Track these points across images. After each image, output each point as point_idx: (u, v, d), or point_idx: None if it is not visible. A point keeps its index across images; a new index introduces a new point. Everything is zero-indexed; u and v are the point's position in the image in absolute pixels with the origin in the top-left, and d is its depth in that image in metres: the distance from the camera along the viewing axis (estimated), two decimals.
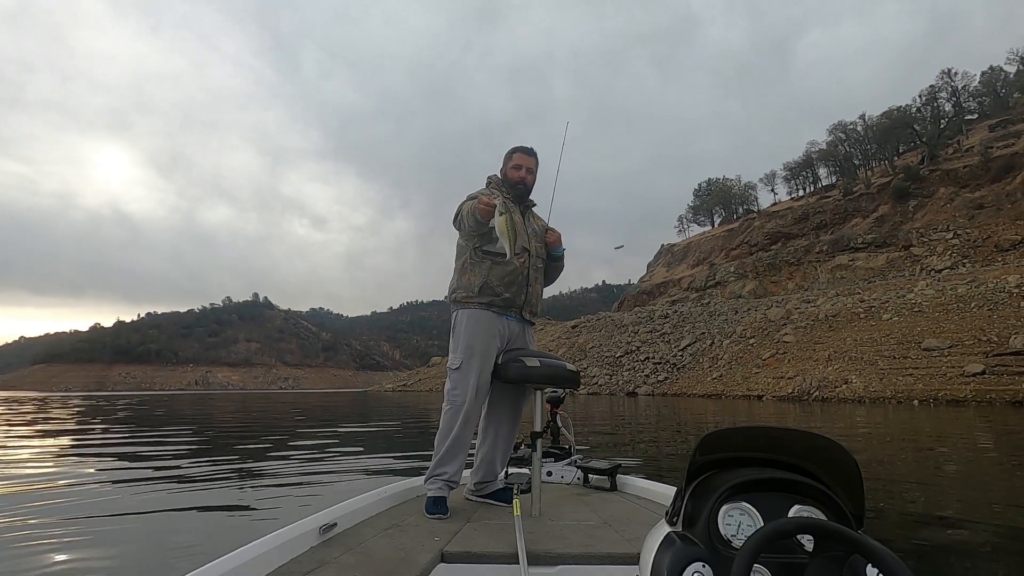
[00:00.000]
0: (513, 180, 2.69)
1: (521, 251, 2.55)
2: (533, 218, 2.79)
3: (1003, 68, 71.96)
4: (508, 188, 2.68)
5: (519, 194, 2.69)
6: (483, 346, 2.49)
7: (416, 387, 67.66)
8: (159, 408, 24.86)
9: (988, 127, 62.40)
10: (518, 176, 2.68)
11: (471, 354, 2.48)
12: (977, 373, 21.10)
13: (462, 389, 2.48)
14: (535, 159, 2.74)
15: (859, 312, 33.08)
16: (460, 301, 2.55)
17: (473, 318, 2.51)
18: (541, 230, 2.77)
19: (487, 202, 2.32)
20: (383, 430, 12.71)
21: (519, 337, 2.63)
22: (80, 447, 9.28)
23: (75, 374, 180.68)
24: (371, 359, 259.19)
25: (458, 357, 2.50)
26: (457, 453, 2.48)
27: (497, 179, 2.74)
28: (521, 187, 2.68)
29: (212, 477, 5.80)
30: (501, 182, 2.72)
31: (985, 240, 43.46)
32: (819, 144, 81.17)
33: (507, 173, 2.70)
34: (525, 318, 2.65)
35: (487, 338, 2.50)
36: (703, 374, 36.38)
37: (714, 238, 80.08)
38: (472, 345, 2.48)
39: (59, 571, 2.92)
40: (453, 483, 2.48)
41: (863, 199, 60.94)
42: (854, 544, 0.80)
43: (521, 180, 2.68)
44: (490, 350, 2.51)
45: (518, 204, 2.66)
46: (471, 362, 2.48)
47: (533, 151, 2.75)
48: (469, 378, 2.47)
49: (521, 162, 2.69)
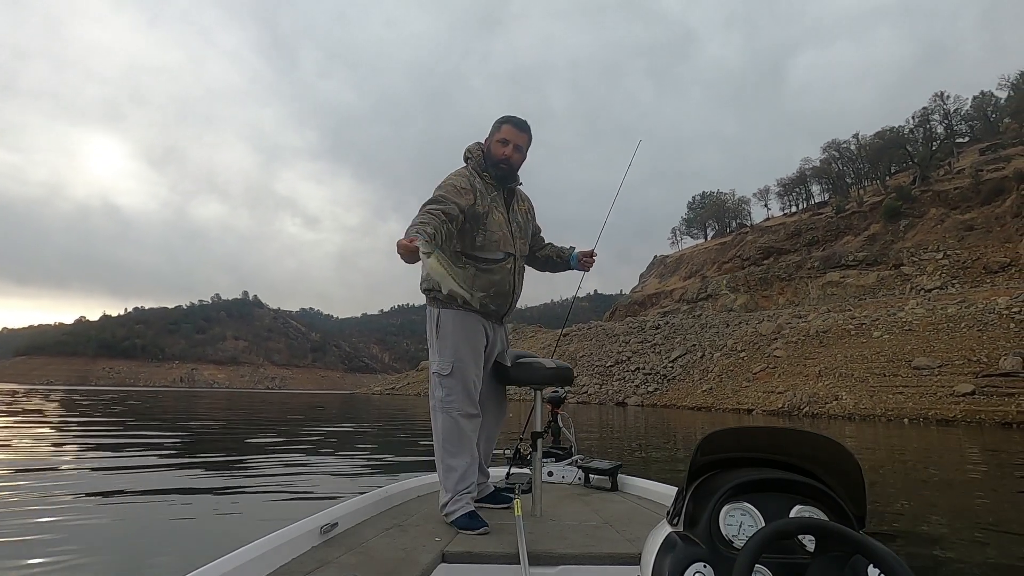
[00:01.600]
0: (496, 157, 2.33)
1: (507, 256, 2.34)
2: (518, 204, 2.48)
3: (994, 93, 73.22)
4: (489, 167, 2.35)
5: (501, 175, 2.36)
6: (472, 348, 2.32)
7: (404, 391, 67.21)
8: (132, 407, 24.42)
9: (979, 151, 63.32)
10: (502, 153, 2.32)
11: (462, 357, 2.29)
12: (967, 393, 21.13)
13: (458, 395, 2.29)
14: (528, 135, 2.39)
15: (850, 329, 33.17)
16: (442, 300, 2.28)
17: (458, 320, 2.31)
18: (526, 220, 2.51)
19: (406, 245, 1.83)
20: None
21: (500, 338, 2.50)
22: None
23: (58, 367, 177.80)
24: (360, 361, 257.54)
25: (447, 362, 2.29)
26: (472, 462, 2.33)
27: (478, 153, 2.39)
28: (504, 166, 2.34)
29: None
30: (482, 157, 2.37)
31: (974, 261, 43.88)
32: (813, 161, 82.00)
33: (491, 147, 2.35)
34: (503, 321, 2.51)
35: (474, 339, 2.33)
36: (693, 386, 36.31)
37: (707, 251, 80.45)
38: (461, 348, 2.30)
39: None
40: (474, 492, 2.36)
41: (855, 217, 61.54)
42: (856, 544, 0.80)
43: (505, 158, 2.33)
44: (478, 352, 2.35)
45: (500, 187, 2.38)
46: (462, 365, 2.29)
47: (527, 125, 2.38)
48: (464, 383, 2.30)
49: (509, 136, 2.34)
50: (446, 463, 2.28)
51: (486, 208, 2.29)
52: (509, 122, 2.36)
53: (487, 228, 2.29)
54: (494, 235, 2.30)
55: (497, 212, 2.34)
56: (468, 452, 2.30)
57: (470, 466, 2.30)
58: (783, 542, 0.90)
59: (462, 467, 2.26)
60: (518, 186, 2.50)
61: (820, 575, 0.85)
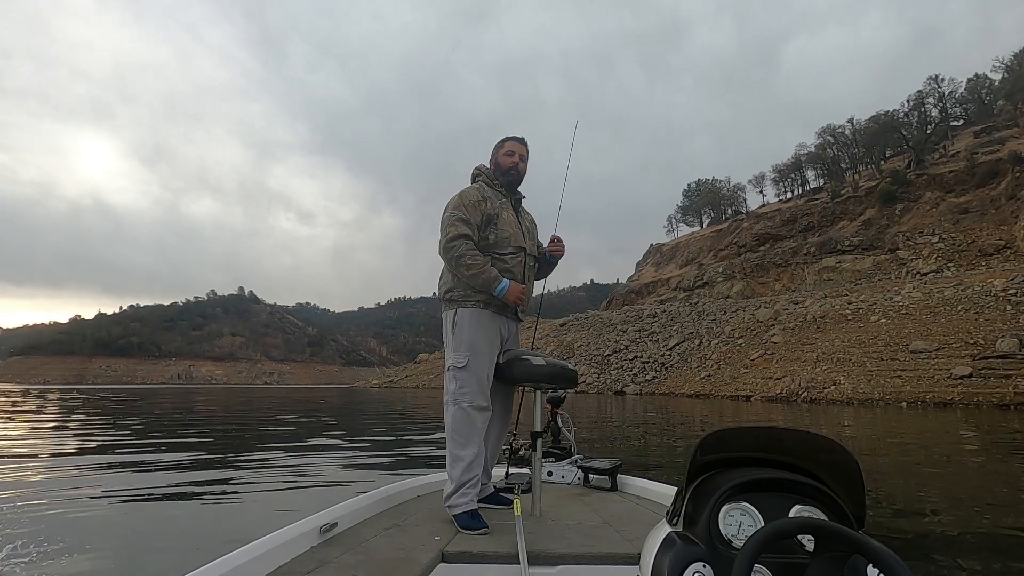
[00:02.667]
0: (505, 166, 2.64)
1: (517, 250, 2.56)
2: (523, 213, 2.75)
3: (988, 76, 73.04)
4: (500, 176, 2.64)
5: (511, 181, 2.65)
6: (487, 344, 2.44)
7: (403, 384, 67.22)
8: (121, 405, 24.27)
9: (973, 133, 63.25)
10: (510, 162, 2.64)
11: (476, 351, 2.41)
12: (964, 376, 21.16)
13: (471, 388, 2.38)
14: (527, 148, 2.71)
15: (847, 314, 33.20)
16: (457, 300, 2.47)
17: (474, 316, 2.45)
18: (532, 226, 2.77)
19: (520, 298, 2.48)
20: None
21: (515, 336, 2.63)
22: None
23: (54, 366, 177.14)
24: (357, 355, 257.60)
25: (463, 355, 2.40)
26: (479, 455, 2.40)
27: (486, 169, 2.69)
28: (513, 173, 2.65)
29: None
30: (491, 172, 2.67)
31: (970, 244, 43.93)
32: (808, 147, 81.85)
33: (499, 160, 2.66)
34: (519, 316, 2.64)
35: (490, 336, 2.46)
36: (691, 374, 36.35)
37: (703, 238, 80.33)
38: (477, 342, 2.42)
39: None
40: (478, 487, 2.42)
41: (850, 202, 61.43)
42: (855, 544, 0.80)
43: (514, 166, 2.64)
44: (493, 348, 2.47)
45: (509, 194, 2.66)
46: (477, 359, 2.40)
47: (524, 140, 2.72)
48: (478, 376, 2.40)
49: (514, 149, 2.66)
50: (453, 453, 2.35)
51: (496, 210, 2.52)
52: (511, 139, 2.69)
53: (498, 227, 2.51)
54: (505, 232, 2.52)
55: (507, 212, 2.57)
56: (476, 443, 2.36)
57: (477, 457, 2.35)
58: (782, 542, 0.90)
59: (469, 457, 2.32)
60: (522, 199, 2.77)
61: (819, 575, 0.85)
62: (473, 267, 2.38)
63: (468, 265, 2.38)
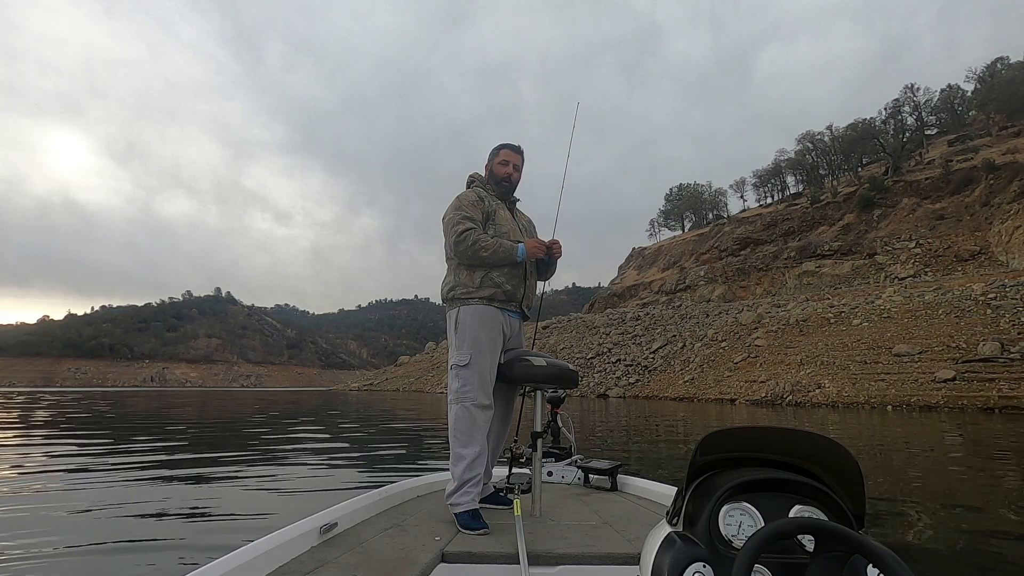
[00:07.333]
0: (499, 176, 2.68)
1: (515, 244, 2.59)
2: (519, 213, 2.81)
3: (960, 86, 74.99)
4: (494, 184, 2.69)
5: (504, 191, 2.69)
6: (490, 341, 2.43)
7: (383, 387, 66.19)
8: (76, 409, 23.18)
9: (947, 142, 64.73)
10: (505, 172, 2.68)
11: (479, 349, 2.40)
12: (948, 379, 21.20)
13: (473, 386, 2.36)
14: (521, 156, 2.73)
15: (829, 317, 33.34)
16: (460, 298, 2.49)
17: (477, 313, 2.45)
18: (530, 225, 2.83)
19: (540, 248, 2.57)
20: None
21: (517, 335, 2.62)
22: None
23: (20, 368, 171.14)
24: (337, 357, 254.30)
25: (466, 353, 2.39)
26: (482, 453, 2.38)
27: (480, 177, 2.73)
28: (507, 183, 2.69)
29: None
30: (485, 179, 2.71)
31: (946, 250, 44.69)
32: (788, 153, 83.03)
33: (493, 169, 2.70)
34: (524, 312, 2.63)
35: (493, 333, 2.45)
36: (675, 377, 36.18)
37: (685, 242, 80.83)
38: (480, 339, 2.41)
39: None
40: (480, 486, 2.39)
41: (830, 207, 62.33)
42: (855, 544, 0.80)
43: (507, 176, 2.68)
44: (496, 345, 2.45)
45: (504, 200, 2.70)
46: (480, 357, 2.39)
47: (520, 148, 2.74)
48: (480, 373, 2.38)
49: (508, 158, 2.69)
50: (456, 452, 2.35)
51: (492, 208, 2.59)
52: (507, 147, 2.71)
53: (496, 224, 2.57)
54: (503, 228, 2.57)
55: (502, 211, 2.63)
56: (478, 442, 2.36)
57: (479, 455, 2.35)
58: (782, 542, 0.90)
59: (471, 455, 2.32)
60: (517, 202, 2.83)
61: (819, 575, 0.85)
62: (490, 247, 2.43)
63: (485, 247, 2.42)
